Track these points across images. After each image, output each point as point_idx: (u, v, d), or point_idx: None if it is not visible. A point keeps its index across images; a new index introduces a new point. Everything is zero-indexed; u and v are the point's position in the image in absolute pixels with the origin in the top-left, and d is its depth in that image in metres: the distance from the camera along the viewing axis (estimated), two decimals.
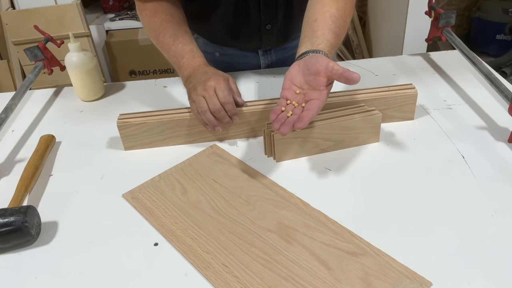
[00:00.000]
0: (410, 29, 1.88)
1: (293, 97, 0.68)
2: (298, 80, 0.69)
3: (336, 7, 0.75)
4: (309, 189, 0.67)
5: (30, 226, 0.60)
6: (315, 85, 0.66)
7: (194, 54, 0.81)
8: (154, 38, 0.84)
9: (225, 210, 0.64)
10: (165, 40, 0.82)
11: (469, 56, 0.90)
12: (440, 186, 0.66)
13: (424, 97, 0.88)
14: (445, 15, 0.98)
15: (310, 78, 0.67)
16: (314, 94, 0.66)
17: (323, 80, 0.65)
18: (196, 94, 0.74)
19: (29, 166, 0.73)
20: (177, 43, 0.81)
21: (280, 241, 0.58)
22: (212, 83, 0.74)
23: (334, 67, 0.64)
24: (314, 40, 0.71)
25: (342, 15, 0.75)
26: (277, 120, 0.65)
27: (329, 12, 0.74)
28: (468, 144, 0.75)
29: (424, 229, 0.59)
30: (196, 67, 0.79)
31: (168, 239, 0.60)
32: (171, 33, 0.82)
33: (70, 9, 1.86)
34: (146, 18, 0.84)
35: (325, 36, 0.71)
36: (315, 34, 0.72)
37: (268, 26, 0.93)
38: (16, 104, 0.88)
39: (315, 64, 0.65)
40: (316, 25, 0.73)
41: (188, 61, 0.80)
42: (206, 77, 0.75)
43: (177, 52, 0.81)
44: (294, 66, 0.69)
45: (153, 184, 0.70)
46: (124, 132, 0.78)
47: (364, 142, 0.76)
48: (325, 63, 0.64)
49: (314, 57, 0.67)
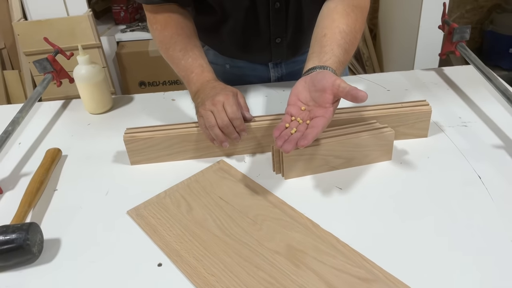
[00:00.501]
0: (422, 43, 1.86)
1: (298, 114, 0.67)
2: (304, 96, 0.67)
3: (346, 23, 0.73)
4: (318, 209, 0.65)
5: (32, 244, 0.58)
6: (321, 102, 0.64)
7: (204, 69, 0.80)
8: (164, 51, 0.84)
9: (231, 229, 0.62)
10: (174, 54, 0.81)
11: (485, 72, 0.87)
12: (456, 209, 0.64)
13: (438, 114, 0.85)
14: (460, 29, 0.96)
15: (316, 94, 0.65)
16: (319, 111, 0.64)
17: (329, 97, 0.63)
18: (204, 109, 0.73)
19: (33, 180, 0.72)
20: (186, 58, 0.81)
21: (288, 264, 0.56)
22: (221, 98, 0.72)
23: (340, 84, 0.62)
24: (322, 56, 0.69)
25: (352, 31, 0.73)
26: (280, 137, 0.63)
27: (339, 28, 0.72)
28: (485, 164, 0.72)
29: (440, 254, 0.57)
30: (204, 82, 0.78)
31: (172, 259, 0.58)
32: (181, 47, 0.81)
33: (81, 20, 1.87)
34: (157, 31, 0.84)
35: (333, 52, 0.70)
36: (323, 49, 0.70)
37: (278, 40, 0.92)
38: (24, 116, 0.87)
39: (322, 81, 0.64)
40: (324, 40, 0.71)
41: (197, 76, 0.79)
42: (215, 92, 0.74)
43: (186, 66, 0.80)
44: (300, 82, 0.68)
45: (159, 201, 0.69)
46: (131, 146, 0.77)
47: (375, 160, 0.74)
48: (331, 80, 0.63)
49: (321, 73, 0.65)
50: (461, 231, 0.60)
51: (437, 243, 0.58)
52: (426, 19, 1.79)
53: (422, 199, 0.66)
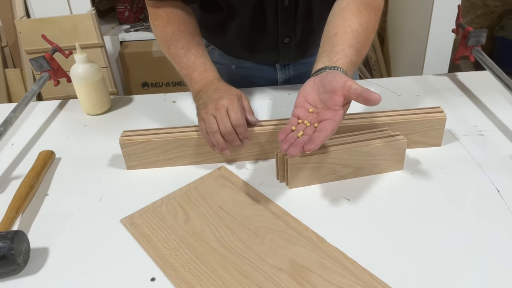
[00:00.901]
0: (432, 48, 1.81)
1: (305, 116, 0.62)
2: (312, 98, 0.63)
3: (358, 22, 0.69)
4: (325, 221, 0.61)
5: (16, 254, 0.54)
6: (330, 104, 0.60)
7: (207, 67, 0.76)
8: (166, 48, 0.80)
9: (231, 242, 0.58)
10: (176, 52, 0.78)
11: (502, 78, 0.83)
12: (472, 224, 0.59)
13: (452, 122, 0.81)
14: (475, 33, 0.92)
15: (326, 96, 0.61)
16: (328, 114, 0.59)
17: (340, 99, 0.59)
18: (206, 112, 0.68)
19: (23, 185, 0.68)
20: (189, 55, 0.77)
21: (291, 283, 0.51)
22: (225, 102, 0.68)
23: (352, 85, 0.57)
24: (332, 56, 0.65)
25: (364, 30, 0.69)
26: (285, 140, 0.59)
27: (351, 27, 0.68)
28: (503, 176, 0.67)
29: (455, 272, 0.52)
30: (207, 82, 0.74)
31: (166, 274, 0.54)
32: (183, 44, 0.77)
33: (84, 19, 1.84)
34: (159, 28, 0.80)
35: (344, 52, 0.65)
36: (334, 49, 0.66)
37: (286, 40, 0.88)
38: (17, 116, 0.83)
39: (332, 82, 0.59)
40: (335, 40, 0.67)
41: (200, 75, 0.75)
42: (219, 94, 0.70)
43: (188, 64, 0.77)
44: (309, 83, 0.64)
45: (154, 209, 0.65)
46: (127, 150, 0.73)
47: (386, 169, 0.70)
48: (342, 81, 0.58)
49: (331, 74, 0.61)
50: (479, 249, 0.55)
51: (453, 261, 0.54)
52: (436, 23, 1.75)
53: (437, 213, 0.61)
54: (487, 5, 2.52)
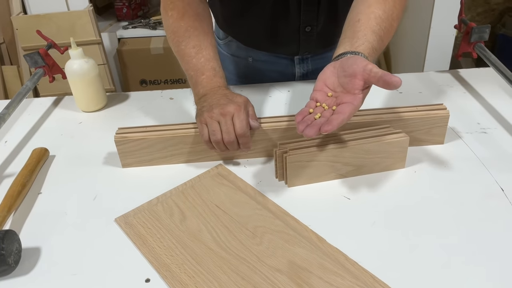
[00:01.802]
0: (433, 44, 1.79)
1: (323, 100, 0.61)
2: (332, 82, 0.62)
3: (383, 9, 0.67)
4: (325, 221, 0.59)
5: (7, 254, 0.53)
6: (350, 88, 0.59)
7: (216, 73, 0.73)
8: (175, 44, 0.76)
9: (228, 243, 0.56)
10: (187, 50, 0.74)
11: (506, 74, 0.81)
12: (476, 223, 0.57)
13: (454, 119, 0.79)
14: (478, 29, 0.90)
15: (345, 80, 0.60)
16: (347, 98, 0.59)
17: (360, 83, 0.58)
18: (211, 117, 0.66)
19: (15, 183, 0.66)
20: (199, 57, 0.73)
21: (290, 284, 0.50)
22: (231, 109, 0.65)
23: (373, 69, 0.56)
24: (354, 41, 0.64)
25: (388, 18, 0.67)
26: (302, 121, 0.58)
27: (374, 13, 0.67)
28: (508, 174, 0.66)
29: (459, 273, 0.50)
30: (215, 88, 0.71)
31: (161, 275, 0.52)
32: (195, 44, 0.74)
33: (82, 15, 1.82)
34: (171, 19, 0.76)
35: (366, 37, 0.64)
36: (356, 35, 0.65)
37: (308, 28, 0.86)
38: (10, 113, 0.81)
39: (352, 65, 0.59)
40: (358, 25, 0.66)
41: (208, 79, 0.72)
42: (226, 100, 0.67)
43: (197, 66, 0.73)
44: (329, 67, 0.63)
45: (150, 208, 0.63)
46: (122, 148, 0.71)
47: (388, 168, 0.68)
48: (363, 65, 0.58)
49: (352, 58, 0.60)
50: (483, 249, 0.53)
51: (456, 261, 0.52)
52: (437, 19, 1.73)
53: (439, 212, 0.60)
54: (488, 3, 2.50)
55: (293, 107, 0.87)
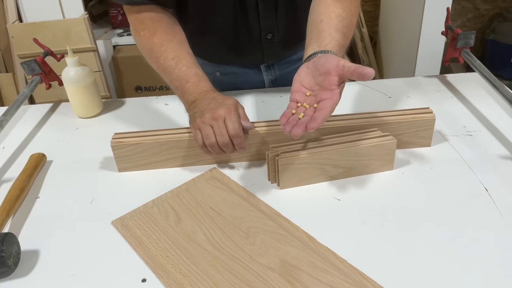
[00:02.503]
0: (423, 50, 1.83)
1: (303, 100, 0.64)
2: (308, 82, 0.64)
3: (341, 7, 0.71)
4: (315, 221, 0.61)
5: (6, 256, 0.54)
6: (326, 85, 0.62)
7: (200, 78, 0.74)
8: (154, 61, 0.76)
9: (222, 243, 0.58)
10: (166, 63, 0.74)
11: (490, 79, 0.84)
12: (461, 222, 0.60)
13: (441, 122, 0.82)
14: (464, 35, 0.93)
15: (321, 78, 0.62)
16: (326, 94, 0.61)
17: (335, 79, 0.61)
18: (203, 122, 0.67)
19: (14, 187, 0.68)
20: (180, 66, 0.74)
21: (282, 282, 0.52)
22: (222, 112, 0.67)
23: (345, 64, 0.59)
24: (321, 41, 0.67)
25: (348, 15, 0.71)
26: (288, 122, 0.60)
27: (335, 12, 0.70)
28: (492, 175, 0.68)
29: (445, 271, 0.52)
30: (203, 92, 0.72)
31: (157, 275, 0.54)
32: (173, 55, 0.74)
33: (77, 23, 1.84)
34: (145, 38, 0.76)
35: (332, 36, 0.67)
36: (321, 34, 0.68)
37: (269, 36, 0.88)
38: (8, 120, 0.83)
39: (325, 64, 0.61)
40: (322, 26, 0.69)
41: (194, 86, 0.73)
42: (215, 104, 0.68)
43: (180, 76, 0.73)
44: (302, 68, 0.65)
45: (146, 211, 0.65)
46: (118, 152, 0.73)
47: (376, 170, 0.70)
48: (335, 61, 0.60)
49: (323, 57, 0.63)
50: (467, 246, 0.56)
51: (442, 259, 0.54)
52: (427, 26, 1.77)
53: (426, 212, 0.62)
54: (478, 9, 2.54)
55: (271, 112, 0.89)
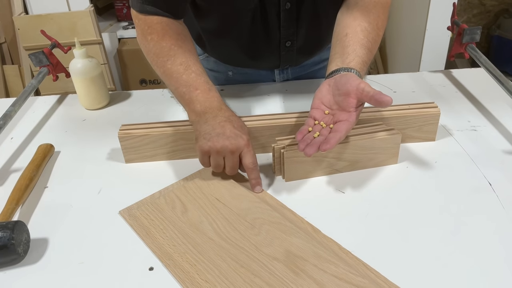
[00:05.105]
0: (428, 46, 1.83)
1: (321, 117, 0.65)
2: (328, 100, 0.65)
3: (368, 21, 0.70)
4: (320, 213, 0.62)
5: (17, 243, 0.55)
6: (344, 106, 0.63)
7: (210, 87, 0.70)
8: (160, 64, 0.73)
9: (227, 233, 0.59)
10: (174, 68, 0.71)
11: (496, 74, 0.84)
12: (465, 216, 0.60)
13: (446, 117, 0.82)
14: (470, 31, 0.93)
15: (340, 98, 0.63)
16: (343, 116, 0.63)
17: (353, 101, 0.62)
18: (216, 151, 0.64)
19: (23, 177, 0.69)
20: (189, 72, 0.70)
21: (287, 271, 0.52)
22: (241, 144, 0.64)
23: (365, 88, 0.60)
24: (345, 57, 0.67)
25: (374, 29, 0.71)
26: (303, 140, 0.62)
27: (361, 26, 0.70)
28: (495, 170, 0.69)
29: (448, 264, 0.53)
30: (215, 107, 0.68)
31: (164, 263, 0.55)
32: (182, 61, 0.71)
33: (83, 16, 1.85)
34: (152, 42, 0.73)
35: (356, 52, 0.67)
36: (345, 50, 0.68)
37: (288, 43, 0.86)
38: (16, 110, 0.84)
39: (346, 85, 0.62)
40: (347, 40, 0.69)
41: (203, 94, 0.69)
42: (232, 130, 0.65)
43: (189, 82, 0.70)
44: (324, 85, 0.66)
45: (153, 201, 0.66)
46: (126, 144, 0.74)
47: (381, 163, 0.71)
48: (355, 84, 0.61)
49: (345, 76, 0.63)
50: (471, 240, 0.56)
51: (445, 252, 0.55)
52: (433, 20, 1.76)
53: (430, 206, 0.62)
54: (484, 4, 2.53)
55: (277, 105, 0.90)
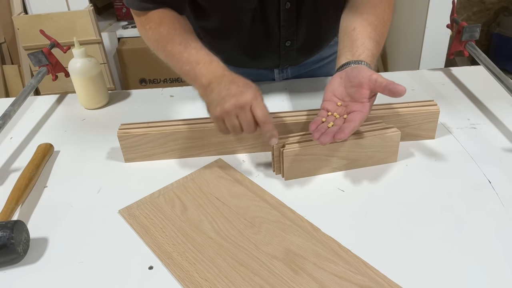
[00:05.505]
0: (428, 44, 1.82)
1: (334, 109, 0.66)
2: (340, 92, 0.66)
3: (375, 14, 0.71)
4: (319, 212, 0.62)
5: (16, 243, 0.55)
6: (357, 97, 0.63)
7: (211, 58, 0.69)
8: (161, 49, 0.73)
9: (227, 232, 0.59)
10: (175, 49, 0.71)
11: (495, 72, 0.84)
12: (464, 214, 0.60)
13: (445, 115, 0.82)
14: (469, 28, 0.93)
15: (352, 90, 0.64)
16: (356, 106, 0.63)
17: (366, 92, 0.62)
18: (227, 112, 0.62)
19: (22, 177, 0.69)
20: (189, 49, 0.70)
21: (286, 270, 0.52)
22: (248, 97, 0.61)
23: (377, 79, 0.61)
24: (354, 50, 0.68)
25: (381, 22, 0.71)
26: (317, 130, 0.63)
27: (368, 20, 0.70)
28: (495, 168, 0.69)
29: (447, 262, 0.53)
30: (218, 75, 0.67)
31: (164, 262, 0.55)
32: (181, 41, 0.71)
33: (82, 15, 1.85)
34: (151, 30, 0.74)
35: (365, 45, 0.68)
36: (354, 43, 0.68)
37: (288, 43, 0.86)
38: (16, 110, 0.84)
39: (358, 76, 0.63)
40: (355, 34, 0.69)
41: (206, 67, 0.68)
42: (237, 88, 0.63)
43: (190, 58, 0.69)
44: (335, 78, 0.67)
45: (152, 200, 0.66)
46: (125, 143, 0.73)
47: (380, 161, 0.71)
48: (368, 75, 0.62)
49: (356, 68, 0.64)
50: (470, 238, 0.56)
51: (444, 250, 0.55)
52: (432, 19, 1.76)
53: (429, 204, 0.62)
54: (484, 2, 2.53)
55: (276, 104, 0.90)
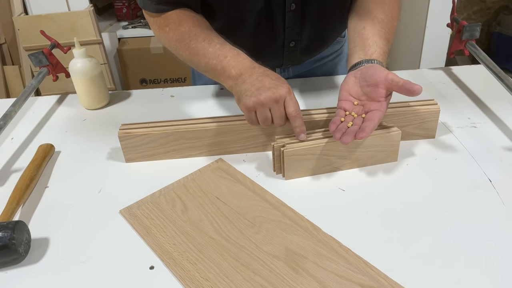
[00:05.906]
0: (428, 43, 1.82)
1: (351, 108, 0.67)
2: (355, 92, 0.67)
3: (383, 12, 0.72)
4: (320, 211, 0.62)
5: (18, 243, 0.56)
6: (374, 96, 0.64)
7: (238, 51, 0.69)
8: (184, 47, 0.72)
9: (228, 232, 0.59)
10: (199, 45, 0.70)
11: (495, 71, 0.84)
12: (465, 213, 0.60)
13: (446, 114, 0.82)
14: (469, 27, 0.93)
15: (369, 89, 0.65)
16: (373, 105, 0.64)
17: (382, 91, 0.63)
18: (261, 103, 0.63)
19: (23, 177, 0.69)
20: (214, 44, 0.70)
21: (287, 269, 0.53)
22: (283, 92, 0.63)
23: (393, 78, 0.62)
24: (366, 49, 0.68)
25: (390, 20, 0.72)
26: (337, 130, 0.63)
27: (377, 18, 0.71)
28: (495, 167, 0.69)
29: (448, 260, 0.53)
30: (248, 66, 0.67)
31: (165, 262, 0.55)
32: (204, 37, 0.71)
33: (82, 16, 1.85)
34: (171, 32, 0.73)
35: (377, 44, 0.69)
36: (366, 42, 0.69)
37: (292, 43, 0.85)
38: (16, 111, 0.84)
39: (373, 76, 0.63)
40: (365, 32, 0.70)
41: (234, 59, 0.68)
42: (271, 81, 0.64)
43: (216, 52, 0.69)
44: (350, 77, 0.67)
45: (153, 200, 0.66)
46: (126, 143, 0.74)
47: (381, 161, 0.71)
48: (383, 75, 0.63)
49: (371, 68, 0.64)
50: (471, 237, 0.56)
51: (445, 249, 0.55)
52: (433, 18, 1.76)
53: (430, 203, 0.62)
54: (484, 1, 2.53)
55: None
